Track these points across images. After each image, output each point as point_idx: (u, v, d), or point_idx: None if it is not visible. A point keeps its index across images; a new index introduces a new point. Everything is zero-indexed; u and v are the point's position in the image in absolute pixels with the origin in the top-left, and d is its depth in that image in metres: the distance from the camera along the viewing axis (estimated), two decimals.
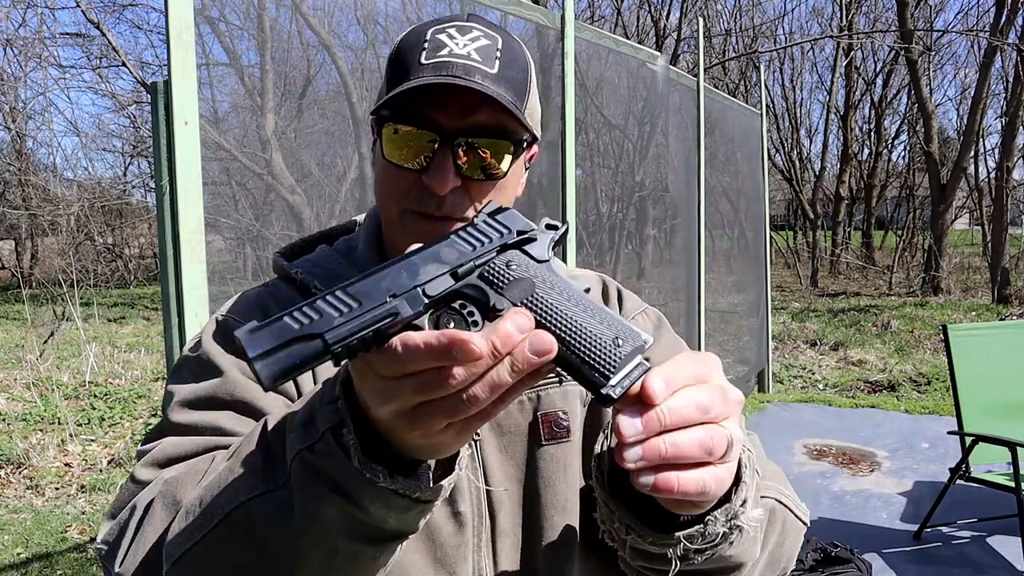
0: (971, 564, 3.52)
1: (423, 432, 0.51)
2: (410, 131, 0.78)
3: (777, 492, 0.79)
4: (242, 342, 0.49)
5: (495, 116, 0.78)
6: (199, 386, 0.80)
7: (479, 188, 0.80)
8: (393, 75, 0.80)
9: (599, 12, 15.39)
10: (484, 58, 0.78)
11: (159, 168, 1.83)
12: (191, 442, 0.76)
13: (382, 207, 0.85)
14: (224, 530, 0.61)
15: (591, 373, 0.53)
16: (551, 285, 0.56)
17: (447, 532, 0.80)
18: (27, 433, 5.63)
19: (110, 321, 11.39)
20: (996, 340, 4.07)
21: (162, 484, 0.71)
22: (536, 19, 3.25)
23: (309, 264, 0.89)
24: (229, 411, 0.78)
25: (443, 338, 0.47)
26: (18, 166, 15.36)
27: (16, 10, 11.82)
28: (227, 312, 0.87)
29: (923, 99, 13.72)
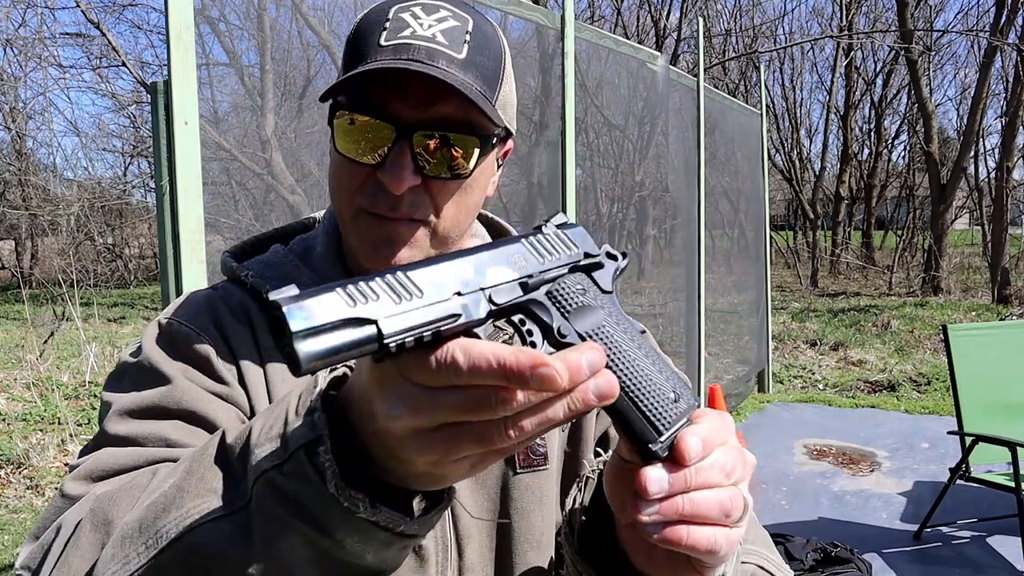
0: (971, 564, 3.52)
1: (438, 459, 0.43)
2: (365, 121, 0.69)
3: (760, 557, 0.73)
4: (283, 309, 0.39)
5: (461, 108, 0.69)
6: (142, 394, 0.70)
7: (441, 187, 0.72)
8: (349, 57, 0.71)
9: (599, 12, 15.40)
10: (451, 41, 0.69)
11: (159, 168, 1.83)
12: (130, 454, 0.66)
13: (335, 204, 0.77)
14: (168, 558, 0.52)
15: (645, 427, 0.49)
16: (618, 321, 0.51)
17: (407, 568, 0.70)
18: (27, 433, 5.63)
19: (110, 321, 11.39)
20: (996, 340, 4.07)
21: (92, 501, 0.61)
22: (536, 19, 3.25)
23: (261, 266, 0.80)
24: (176, 421, 0.69)
25: (523, 358, 0.40)
26: (18, 166, 15.37)
27: (16, 10, 11.83)
28: (172, 315, 0.77)
29: (923, 99, 13.73)
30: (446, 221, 0.74)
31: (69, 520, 0.61)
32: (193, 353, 0.73)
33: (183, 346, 0.73)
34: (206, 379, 0.72)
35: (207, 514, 0.51)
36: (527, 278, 0.49)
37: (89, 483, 0.65)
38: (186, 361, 0.73)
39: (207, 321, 0.76)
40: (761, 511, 4.14)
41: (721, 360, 6.47)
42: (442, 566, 0.72)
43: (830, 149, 21.77)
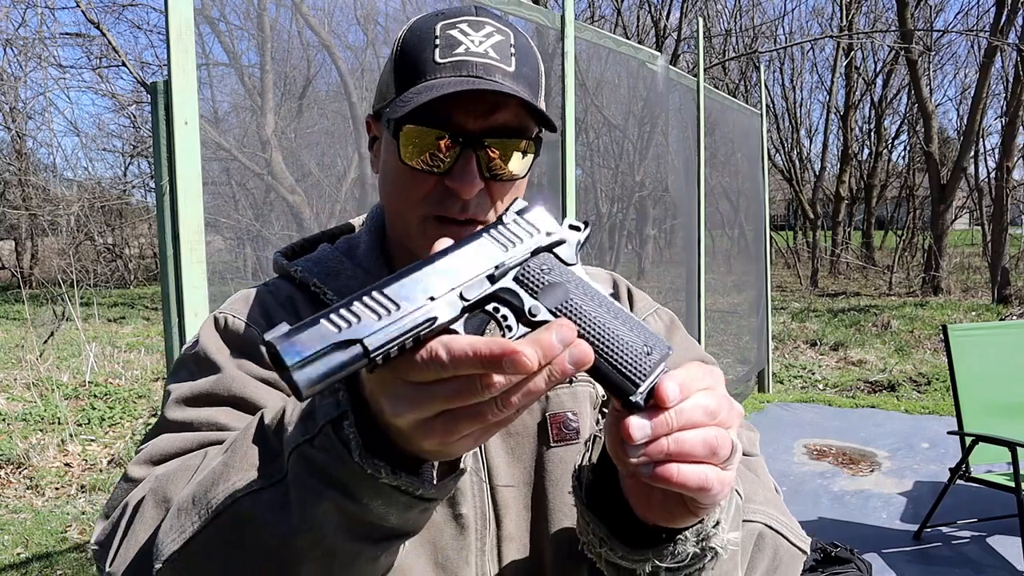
0: (971, 564, 3.52)
1: (442, 440, 0.49)
2: (431, 133, 0.74)
3: (768, 517, 0.76)
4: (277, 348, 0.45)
5: (516, 115, 0.76)
6: (196, 383, 0.78)
7: (500, 188, 0.79)
8: (404, 74, 0.76)
9: (599, 12, 15.40)
10: (501, 55, 0.76)
11: (159, 168, 1.83)
12: (185, 438, 0.74)
13: (395, 211, 0.82)
14: (216, 528, 0.58)
15: (622, 381, 0.52)
16: (584, 291, 0.55)
17: (448, 535, 0.77)
18: (27, 433, 5.63)
19: (110, 321, 11.39)
20: (996, 340, 4.07)
21: (153, 481, 0.69)
22: (536, 19, 3.25)
23: (309, 263, 0.87)
24: (227, 407, 0.76)
25: (495, 347, 0.45)
26: (18, 166, 15.35)
27: (16, 10, 11.83)
28: (226, 309, 0.85)
29: (923, 99, 13.72)
30: None
31: (134, 499, 0.68)
32: (244, 342, 0.81)
33: (235, 336, 0.82)
34: (255, 366, 0.79)
35: (249, 485, 0.58)
36: (493, 270, 0.53)
37: (149, 466, 0.73)
38: (238, 350, 0.80)
39: (257, 313, 0.83)
40: None
41: (721, 360, 6.47)
42: (481, 534, 0.79)
43: (830, 149, 21.79)
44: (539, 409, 0.83)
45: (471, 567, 0.78)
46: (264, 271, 3.23)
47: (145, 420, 6.02)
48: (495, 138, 0.75)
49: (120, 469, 5.04)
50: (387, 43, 3.49)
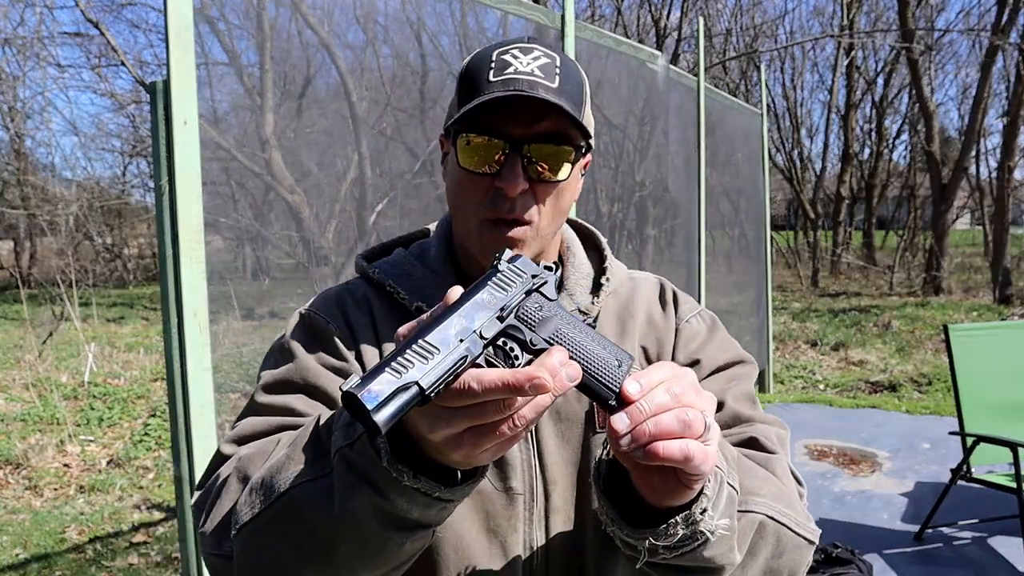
0: (972, 565, 3.51)
1: (468, 452, 0.61)
2: (482, 140, 0.86)
3: (770, 508, 0.85)
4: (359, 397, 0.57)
5: (558, 124, 0.87)
6: (278, 371, 0.93)
7: (544, 190, 0.89)
8: (464, 93, 0.89)
9: (599, 11, 15.39)
10: (546, 74, 0.87)
11: (158, 168, 1.82)
12: (265, 422, 0.88)
13: (459, 216, 0.93)
14: (277, 508, 0.73)
15: (602, 390, 0.67)
16: (568, 321, 0.70)
17: (499, 504, 0.90)
18: (26, 433, 5.63)
19: (109, 321, 11.38)
20: (997, 340, 4.06)
21: (237, 460, 0.83)
22: (536, 19, 3.24)
23: (386, 265, 1.00)
24: (301, 394, 0.90)
25: (520, 376, 0.58)
26: (17, 166, 15.34)
27: (15, 9, 11.83)
28: (310, 307, 0.99)
29: (924, 99, 13.72)
30: (545, 220, 0.91)
31: (224, 472, 0.84)
32: (322, 336, 0.95)
33: (316, 331, 0.96)
34: (330, 357, 0.93)
35: (302, 476, 0.72)
36: (500, 311, 0.67)
37: (236, 446, 0.87)
38: (318, 342, 0.95)
39: (336, 312, 0.97)
40: None
41: None
42: (529, 505, 0.91)
43: (831, 149, 21.79)
44: (588, 399, 0.93)
45: (519, 534, 0.90)
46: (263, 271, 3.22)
47: (144, 420, 6.01)
48: (536, 143, 0.86)
49: (120, 469, 5.03)
50: (387, 42, 3.48)
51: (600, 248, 1.09)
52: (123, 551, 3.85)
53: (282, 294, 3.35)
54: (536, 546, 0.91)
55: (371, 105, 3.36)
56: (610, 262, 1.06)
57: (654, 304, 1.06)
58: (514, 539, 0.90)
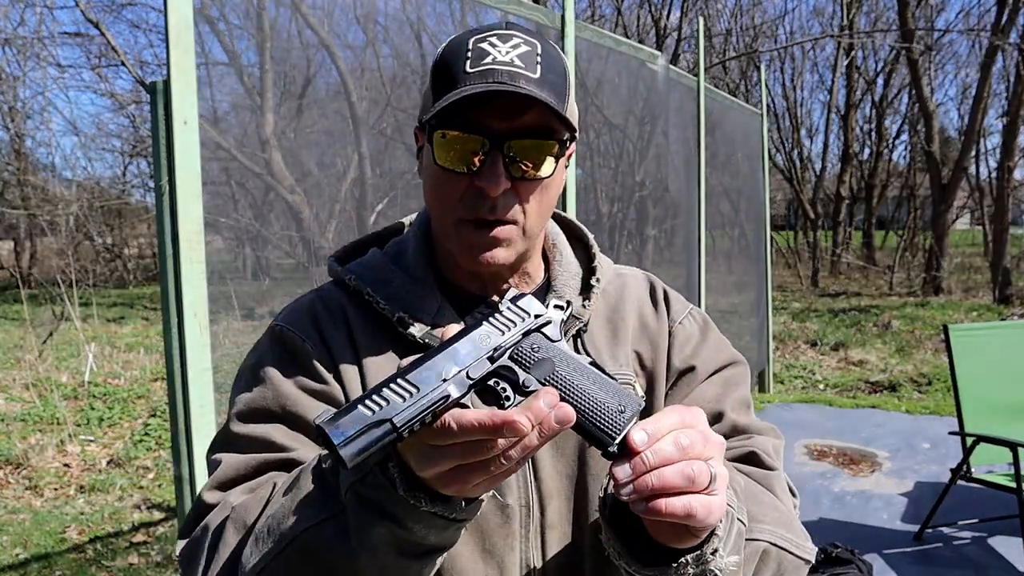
0: (972, 565, 3.51)
1: (458, 488, 0.62)
2: (461, 136, 0.81)
3: (773, 535, 0.83)
4: (326, 431, 0.58)
5: (540, 117, 0.81)
6: (254, 398, 0.87)
7: (527, 188, 0.84)
8: (439, 84, 0.83)
9: (599, 11, 15.39)
10: (526, 64, 0.81)
11: (158, 168, 1.82)
12: (246, 462, 0.84)
13: (436, 214, 0.89)
14: (289, 554, 0.71)
15: (601, 435, 0.65)
16: (567, 363, 0.68)
17: (494, 523, 0.86)
18: (26, 433, 5.63)
19: (109, 321, 11.38)
20: (997, 340, 4.06)
21: (231, 511, 0.79)
22: (536, 19, 3.25)
23: (361, 268, 0.94)
24: (279, 424, 0.85)
25: (495, 418, 0.57)
26: (17, 166, 15.33)
27: (15, 9, 11.83)
28: (282, 322, 0.92)
29: (924, 99, 13.72)
30: (531, 219, 0.87)
31: (213, 522, 0.80)
32: (298, 356, 0.89)
33: (290, 350, 0.90)
34: (308, 380, 0.88)
35: (313, 518, 0.71)
36: (493, 351, 0.66)
37: (220, 492, 0.83)
38: (292, 363, 0.89)
39: (310, 326, 0.91)
40: None
41: None
42: (525, 522, 0.87)
43: (831, 149, 21.77)
44: None
45: (515, 552, 0.87)
46: (263, 271, 3.23)
47: (144, 420, 6.01)
48: (520, 139, 0.81)
49: (120, 469, 5.03)
50: (387, 42, 3.48)
51: (587, 243, 1.03)
52: (123, 551, 3.85)
53: (282, 294, 3.35)
54: (534, 565, 0.87)
55: (371, 105, 3.36)
56: (599, 259, 1.00)
57: (645, 304, 1.01)
58: (511, 559, 0.86)
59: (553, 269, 0.97)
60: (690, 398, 0.96)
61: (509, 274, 0.93)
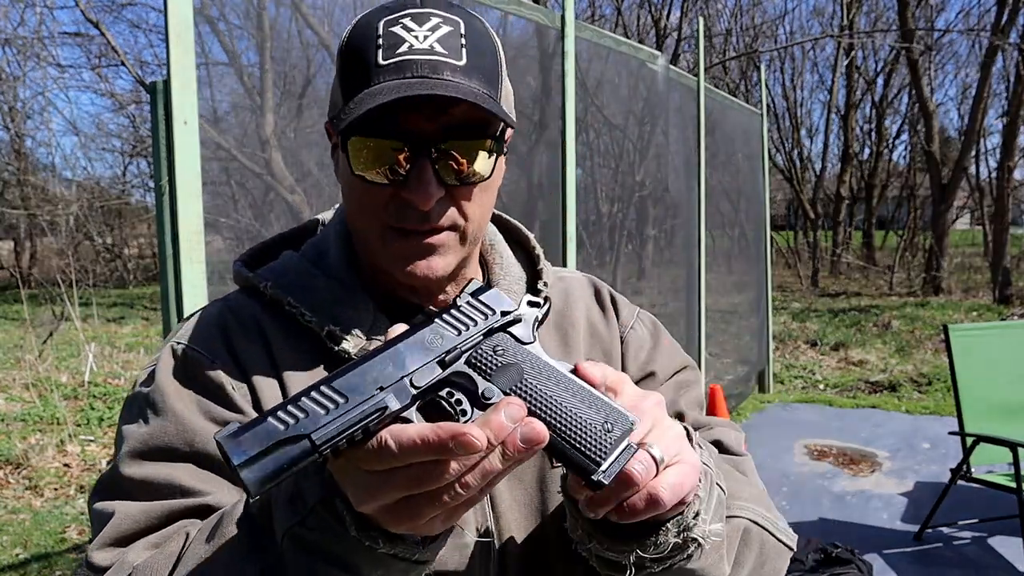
0: (972, 565, 3.51)
1: (409, 524, 0.51)
2: (380, 143, 0.69)
3: (754, 513, 0.76)
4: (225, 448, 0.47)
5: (471, 111, 0.69)
6: (152, 432, 0.71)
7: (463, 192, 0.73)
8: (348, 79, 0.70)
9: (599, 12, 15.39)
10: (449, 50, 0.69)
11: (158, 168, 1.82)
12: (146, 512, 0.68)
13: (357, 223, 0.77)
14: None
15: (581, 460, 0.53)
16: (539, 370, 0.56)
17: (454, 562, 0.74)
18: (26, 433, 5.63)
19: (109, 321, 11.39)
20: (997, 340, 4.06)
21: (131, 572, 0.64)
22: (536, 19, 3.25)
23: (277, 274, 0.80)
24: (187, 463, 0.70)
25: (441, 432, 0.47)
26: (17, 166, 15.34)
27: (15, 9, 11.83)
28: (186, 341, 0.77)
29: (924, 99, 13.72)
30: (473, 223, 0.75)
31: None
32: (206, 381, 0.74)
33: (196, 374, 0.74)
34: (218, 408, 0.73)
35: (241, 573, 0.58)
36: (444, 355, 0.54)
37: (114, 550, 0.67)
38: (198, 390, 0.73)
39: (219, 344, 0.76)
40: None
41: (721, 360, 6.47)
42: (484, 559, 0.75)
43: (831, 149, 21.77)
44: None
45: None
46: None
47: None
48: (451, 140, 0.69)
49: None
50: None
51: (528, 247, 0.91)
52: None
53: None
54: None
55: None
56: (544, 263, 0.90)
57: (592, 309, 0.92)
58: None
59: (494, 273, 0.86)
60: None
61: (446, 282, 0.81)
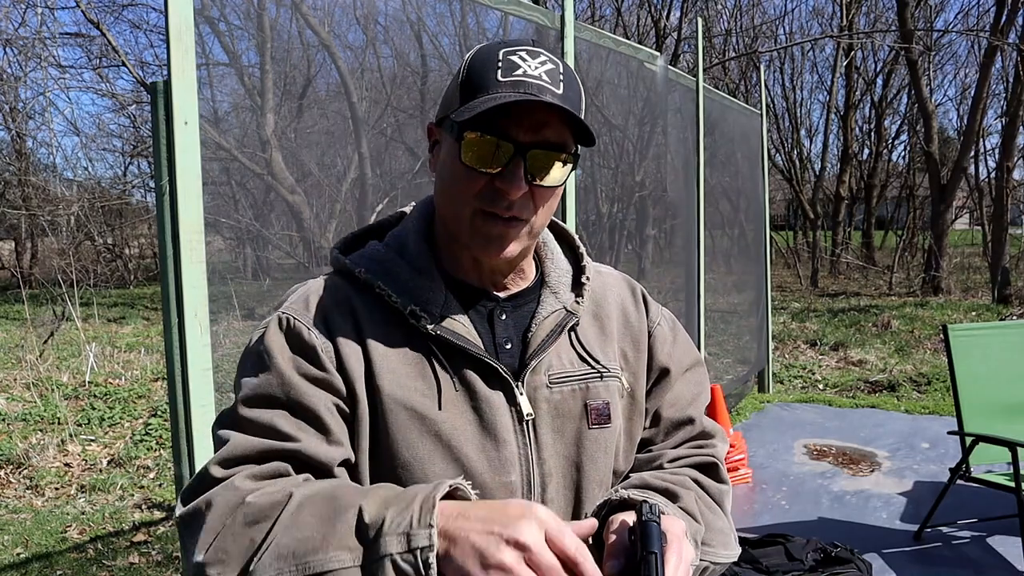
0: (971, 564, 3.51)
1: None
2: (490, 140, 0.87)
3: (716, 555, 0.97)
4: None
5: (560, 132, 0.89)
6: (260, 384, 0.90)
7: (540, 193, 0.91)
8: (469, 88, 0.90)
9: (599, 12, 15.39)
10: (552, 80, 0.89)
11: (159, 168, 1.83)
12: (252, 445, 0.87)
13: (450, 206, 0.94)
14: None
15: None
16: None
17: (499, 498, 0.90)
18: (27, 433, 5.63)
19: (110, 321, 11.39)
20: (996, 340, 4.07)
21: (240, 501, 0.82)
22: (536, 19, 3.25)
23: (369, 262, 0.98)
24: (284, 411, 0.88)
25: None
26: (18, 166, 15.34)
27: (16, 10, 11.83)
28: (288, 310, 0.95)
29: (923, 99, 13.72)
30: (538, 220, 0.94)
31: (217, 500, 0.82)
32: (303, 344, 0.92)
33: (295, 339, 0.92)
34: (310, 367, 0.90)
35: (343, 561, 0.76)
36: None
37: (225, 469, 0.85)
38: (296, 351, 0.91)
39: (317, 316, 0.94)
40: (761, 511, 4.13)
41: (721, 360, 6.47)
42: (527, 497, 0.95)
43: (830, 149, 21.77)
44: (581, 397, 0.99)
45: None
46: (263, 271, 3.23)
47: (145, 420, 6.02)
48: (541, 149, 0.88)
49: (120, 469, 5.03)
50: (387, 43, 3.49)
51: (573, 245, 1.12)
52: (124, 550, 3.85)
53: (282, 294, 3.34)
54: None
55: (371, 105, 3.36)
56: (587, 260, 1.09)
57: (627, 302, 1.10)
58: None
59: (546, 266, 1.05)
60: (670, 396, 1.08)
61: (508, 269, 1.00)
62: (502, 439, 0.93)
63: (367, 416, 0.91)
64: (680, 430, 1.08)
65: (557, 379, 0.98)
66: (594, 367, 1.00)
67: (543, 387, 0.97)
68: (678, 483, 0.99)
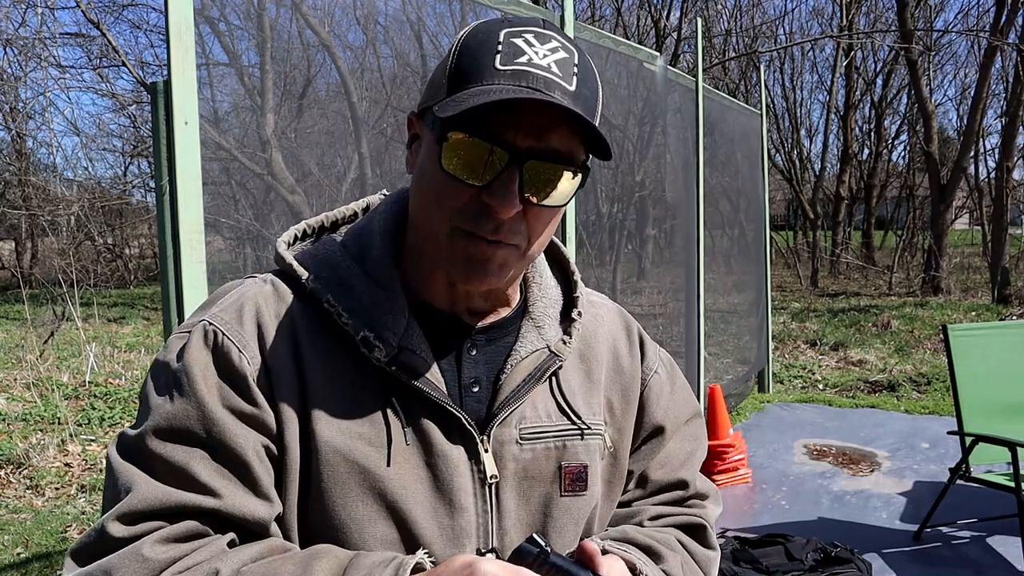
0: (971, 564, 3.52)
1: None
2: (480, 144, 0.69)
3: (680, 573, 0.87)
4: None
5: (567, 140, 0.71)
6: (175, 413, 0.73)
7: (538, 214, 0.74)
8: (459, 74, 0.71)
9: (599, 12, 15.40)
10: (563, 72, 0.70)
11: (159, 168, 1.83)
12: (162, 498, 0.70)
13: (426, 218, 0.76)
14: None
15: None
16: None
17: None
18: (27, 433, 5.63)
19: (110, 321, 11.39)
20: (996, 340, 4.07)
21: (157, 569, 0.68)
22: None
23: (316, 263, 0.80)
24: (203, 452, 0.72)
25: None
26: (18, 166, 15.34)
27: (16, 10, 11.84)
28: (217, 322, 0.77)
29: (923, 99, 13.72)
30: (535, 245, 0.76)
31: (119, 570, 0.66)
32: (231, 371, 0.75)
33: (223, 361, 0.75)
34: (239, 400, 0.74)
35: None
36: None
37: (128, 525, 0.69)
38: (224, 377, 0.74)
39: (250, 333, 0.77)
40: (761, 511, 4.14)
41: (721, 360, 6.47)
42: None
43: (830, 149, 21.79)
44: (555, 458, 0.84)
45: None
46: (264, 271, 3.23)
47: None
48: (542, 160, 0.70)
49: None
50: (387, 43, 3.49)
51: (566, 268, 0.92)
52: None
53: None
54: None
55: (371, 105, 3.36)
56: (580, 288, 0.90)
57: (620, 343, 0.94)
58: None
59: (531, 292, 0.87)
60: (661, 455, 0.94)
61: (489, 295, 0.83)
62: (458, 505, 0.78)
63: (298, 464, 0.75)
64: (669, 494, 0.95)
65: (529, 434, 0.82)
66: (575, 422, 0.84)
67: (512, 443, 0.81)
68: (664, 542, 0.87)
